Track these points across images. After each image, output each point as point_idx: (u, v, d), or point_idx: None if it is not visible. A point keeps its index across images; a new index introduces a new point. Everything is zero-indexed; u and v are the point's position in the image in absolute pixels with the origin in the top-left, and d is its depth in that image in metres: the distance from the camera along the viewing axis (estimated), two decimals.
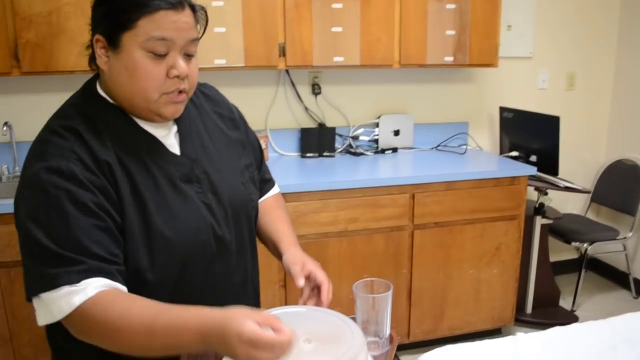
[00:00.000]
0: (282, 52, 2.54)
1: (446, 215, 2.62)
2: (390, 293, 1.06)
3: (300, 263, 1.14)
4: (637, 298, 3.39)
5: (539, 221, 2.95)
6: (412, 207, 2.57)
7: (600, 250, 3.33)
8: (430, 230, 2.62)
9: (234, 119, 1.26)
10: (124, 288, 0.96)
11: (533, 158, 2.89)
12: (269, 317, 0.84)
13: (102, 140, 1.00)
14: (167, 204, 1.03)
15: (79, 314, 0.91)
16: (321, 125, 2.99)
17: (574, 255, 3.73)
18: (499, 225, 2.73)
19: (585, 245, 3.21)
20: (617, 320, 1.67)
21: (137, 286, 0.98)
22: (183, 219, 1.04)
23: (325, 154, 2.94)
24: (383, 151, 3.04)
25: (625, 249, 3.34)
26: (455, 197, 2.61)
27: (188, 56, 1.02)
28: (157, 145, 1.06)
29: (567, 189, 2.78)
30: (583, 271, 3.34)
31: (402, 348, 2.81)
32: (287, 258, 1.17)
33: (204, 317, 0.86)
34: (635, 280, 3.41)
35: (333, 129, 2.95)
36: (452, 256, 2.69)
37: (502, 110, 3.12)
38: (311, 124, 3.00)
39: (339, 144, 3.02)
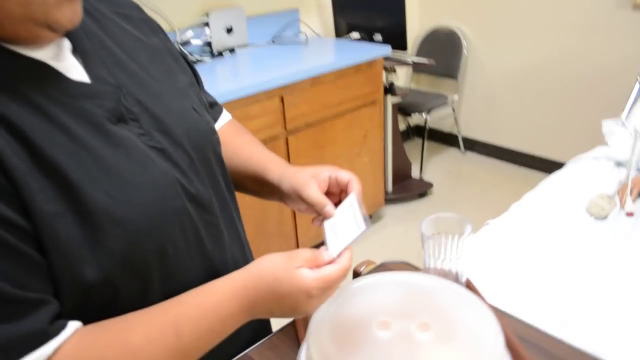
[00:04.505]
0: None
1: (316, 113, 2.42)
2: (469, 234, 0.85)
3: (313, 176, 0.79)
4: (465, 153, 3.71)
5: (391, 100, 2.93)
6: (283, 112, 2.30)
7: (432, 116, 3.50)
8: (303, 132, 2.40)
9: (149, 21, 0.82)
10: (76, 325, 0.58)
11: (377, 37, 2.78)
12: (307, 255, 0.67)
13: None
14: (100, 164, 0.60)
15: None
16: None
17: (401, 126, 3.90)
18: (364, 112, 2.64)
19: (424, 115, 3.33)
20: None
21: (93, 315, 0.60)
22: (134, 181, 0.62)
23: None
24: (220, 54, 2.63)
25: (454, 111, 3.57)
26: (322, 92, 2.41)
27: None
28: (47, 72, 0.61)
29: (414, 64, 2.76)
30: (419, 139, 3.51)
31: None
32: (291, 180, 0.80)
33: (236, 294, 0.64)
34: (463, 138, 3.70)
35: None
36: (327, 155, 2.54)
37: None
38: None
39: None
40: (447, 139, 3.80)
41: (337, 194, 0.80)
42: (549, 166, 3.22)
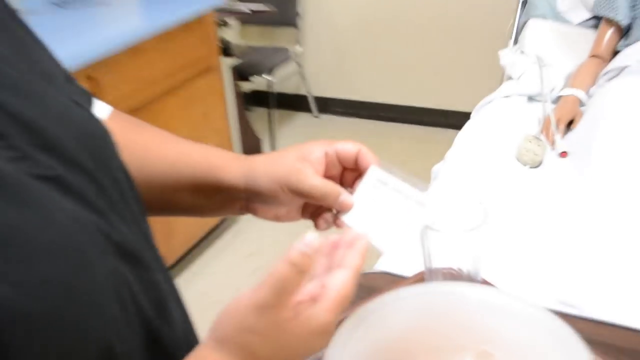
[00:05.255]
0: None
1: (141, 91, 1.85)
2: (486, 220, 0.58)
3: (303, 159, 0.57)
4: (319, 116, 3.32)
5: (227, 63, 2.39)
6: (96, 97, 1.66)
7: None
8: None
9: None
10: None
11: None
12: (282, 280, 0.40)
13: None
14: None
15: None
16: None
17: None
18: (200, 83, 2.12)
19: (267, 76, 2.85)
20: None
21: None
22: (36, 246, 0.32)
23: None
24: None
25: (300, 66, 3.11)
26: (144, 64, 1.84)
27: None
28: None
29: (254, 12, 2.26)
30: (261, 108, 3.05)
31: None
32: (270, 173, 0.57)
33: None
34: (315, 98, 3.28)
35: None
36: None
37: None
38: None
39: None
40: (295, 103, 3.33)
41: (337, 177, 0.59)
42: (421, 116, 3.01)
